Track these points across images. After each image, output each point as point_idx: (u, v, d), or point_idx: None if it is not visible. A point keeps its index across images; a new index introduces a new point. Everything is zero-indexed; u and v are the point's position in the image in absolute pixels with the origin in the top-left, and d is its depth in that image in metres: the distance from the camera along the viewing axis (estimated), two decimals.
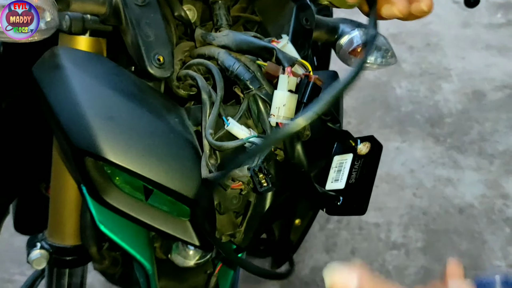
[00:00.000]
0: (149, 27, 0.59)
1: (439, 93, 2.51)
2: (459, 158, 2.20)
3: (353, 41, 0.73)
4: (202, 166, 0.56)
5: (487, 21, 2.92)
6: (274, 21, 0.70)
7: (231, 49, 0.61)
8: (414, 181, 2.11)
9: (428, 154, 2.22)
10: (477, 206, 2.01)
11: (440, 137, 2.29)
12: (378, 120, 2.40)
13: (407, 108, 2.45)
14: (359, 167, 0.63)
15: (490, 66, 2.62)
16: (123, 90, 0.58)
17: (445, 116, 2.39)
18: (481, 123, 2.34)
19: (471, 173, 2.13)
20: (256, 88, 0.58)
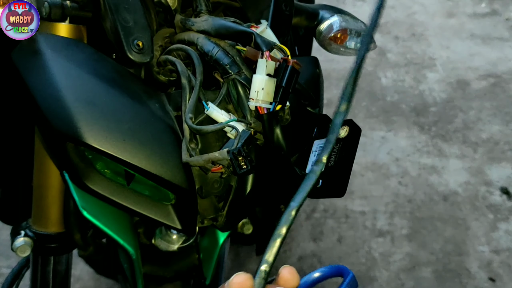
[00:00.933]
0: (128, 12, 0.59)
1: (424, 82, 2.53)
2: (443, 146, 2.22)
3: (333, 26, 0.74)
4: (183, 150, 0.57)
5: (471, 10, 2.94)
6: (254, 7, 0.70)
7: (210, 34, 0.62)
8: (399, 169, 2.13)
9: (413, 142, 2.25)
10: (461, 193, 2.04)
11: (425, 125, 2.32)
12: (364, 110, 2.42)
13: (392, 97, 2.47)
14: (338, 150, 0.64)
15: (474, 55, 2.65)
16: (103, 76, 0.58)
17: (430, 105, 2.41)
18: (465, 112, 2.37)
19: (455, 161, 2.16)
20: (235, 73, 0.58)
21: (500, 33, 2.77)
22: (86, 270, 1.65)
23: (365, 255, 1.84)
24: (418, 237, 1.90)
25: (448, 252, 1.84)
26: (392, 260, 1.82)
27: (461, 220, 1.95)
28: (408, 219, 1.96)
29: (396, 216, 1.97)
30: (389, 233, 1.91)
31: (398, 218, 1.97)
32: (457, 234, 1.91)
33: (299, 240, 1.90)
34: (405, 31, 2.85)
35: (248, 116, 0.58)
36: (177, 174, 0.56)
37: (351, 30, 0.74)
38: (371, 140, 2.26)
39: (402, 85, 2.53)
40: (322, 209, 1.99)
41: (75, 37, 0.68)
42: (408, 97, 2.46)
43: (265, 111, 0.56)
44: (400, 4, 2.99)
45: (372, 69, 2.61)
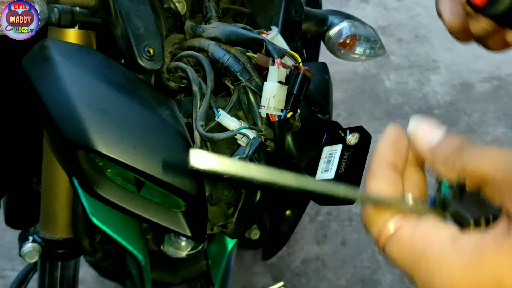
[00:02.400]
0: (139, 19, 0.59)
1: (428, 85, 2.52)
2: None
3: (342, 32, 0.74)
4: None
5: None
6: (263, 13, 0.70)
7: (221, 41, 0.61)
8: None
9: None
10: None
11: None
12: (367, 113, 2.41)
13: (396, 100, 2.46)
14: (348, 157, 0.64)
15: (477, 57, 2.64)
16: (113, 82, 0.58)
17: (433, 108, 2.41)
18: (469, 115, 2.37)
19: None
20: (246, 80, 0.58)
21: None
22: (90, 273, 1.65)
23: (369, 258, 1.84)
24: None
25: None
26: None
27: None
28: None
29: None
30: None
31: None
32: None
33: (303, 243, 1.89)
34: (409, 33, 2.84)
35: (259, 123, 0.58)
36: (188, 182, 0.56)
37: (360, 36, 0.74)
38: (375, 143, 2.24)
39: (405, 88, 2.52)
40: (326, 212, 1.99)
41: (84, 43, 0.68)
42: (411, 99, 2.46)
43: (276, 119, 0.56)
44: (403, 6, 2.98)
45: (375, 71, 2.61)
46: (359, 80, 2.55)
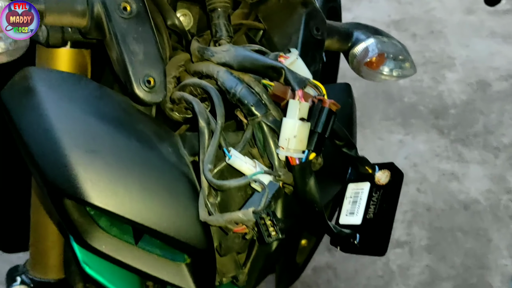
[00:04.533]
0: (137, 43, 0.50)
1: (443, 83, 2.43)
2: (463, 151, 2.13)
3: (368, 50, 0.65)
4: (200, 205, 0.49)
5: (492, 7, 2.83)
6: (281, 30, 0.62)
7: (232, 67, 0.53)
8: (417, 175, 2.04)
9: (432, 147, 2.15)
10: (483, 202, 1.94)
11: (444, 129, 2.22)
12: (381, 112, 2.32)
13: (410, 99, 2.37)
14: (377, 199, 0.55)
15: (494, 54, 2.54)
16: (107, 117, 0.50)
17: (449, 107, 2.31)
18: (486, 115, 2.27)
19: (476, 167, 2.06)
20: (262, 114, 0.50)
21: None
22: None
23: (382, 267, 1.76)
24: (437, 249, 1.82)
25: (469, 265, 1.76)
26: (411, 273, 1.74)
27: (482, 231, 1.86)
28: (427, 229, 1.87)
29: (415, 226, 1.89)
30: (407, 244, 1.83)
31: (417, 227, 1.88)
32: (478, 246, 1.82)
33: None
34: (423, 28, 2.74)
35: (276, 165, 0.50)
36: (193, 234, 0.49)
37: (388, 54, 0.65)
38: (389, 144, 2.17)
39: (420, 86, 2.42)
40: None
41: (77, 62, 0.60)
42: (426, 98, 2.36)
43: (297, 162, 0.48)
44: (418, 0, 2.87)
45: None
46: None
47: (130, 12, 0.50)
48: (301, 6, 0.60)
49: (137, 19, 0.50)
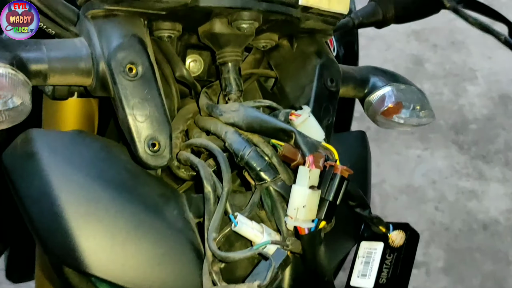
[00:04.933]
0: (143, 106, 0.49)
1: (464, 96, 2.37)
2: (484, 168, 2.08)
3: (385, 98, 0.63)
4: (204, 274, 0.47)
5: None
6: (293, 80, 0.60)
7: (241, 127, 0.51)
8: (436, 193, 2.01)
9: (451, 163, 2.11)
10: (503, 222, 1.90)
11: (464, 145, 2.17)
12: None
13: None
14: (391, 263, 0.53)
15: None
16: (111, 179, 0.49)
17: (469, 122, 2.26)
18: (508, 131, 2.21)
19: (496, 185, 2.02)
20: (271, 179, 0.48)
21: None
22: None
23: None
24: (455, 271, 1.78)
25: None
26: None
27: (502, 253, 1.82)
28: (445, 249, 1.84)
29: (432, 246, 1.85)
30: (424, 265, 1.79)
31: (434, 248, 1.85)
32: (497, 268, 1.78)
33: None
34: (444, 38, 2.68)
35: (284, 232, 0.48)
36: None
37: (406, 103, 0.63)
38: (406, 159, 2.13)
39: (440, 99, 2.38)
40: None
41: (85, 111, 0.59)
42: (446, 112, 2.31)
43: (306, 231, 0.46)
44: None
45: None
46: None
47: (136, 74, 0.48)
48: (315, 56, 0.58)
49: (143, 81, 0.48)
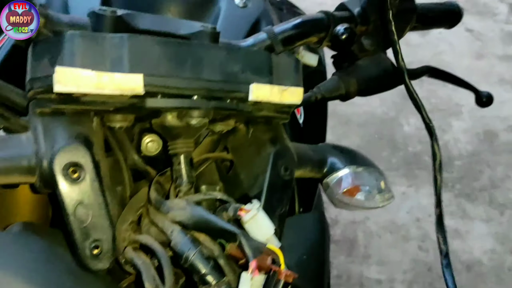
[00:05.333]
0: (86, 210, 0.49)
1: (449, 131, 2.39)
2: (468, 207, 2.09)
3: (342, 181, 0.63)
4: None
5: (501, 52, 2.80)
6: (248, 168, 0.60)
7: (187, 226, 0.52)
8: (419, 232, 2.01)
9: None
10: (486, 263, 1.90)
11: (449, 182, 2.18)
12: (384, 161, 2.29)
13: (415, 148, 2.34)
14: None
15: (503, 103, 2.50)
16: (52, 283, 0.49)
17: (454, 158, 2.28)
18: (492, 168, 2.23)
19: (480, 224, 2.02)
20: (215, 284, 0.48)
21: None
22: None
23: None
24: None
25: None
26: None
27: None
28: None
29: (415, 286, 1.85)
30: None
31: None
32: None
33: None
34: None
35: None
36: None
37: (363, 185, 0.63)
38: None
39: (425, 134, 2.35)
40: (335, 275, 1.87)
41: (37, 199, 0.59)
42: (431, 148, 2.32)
43: None
44: (427, 43, 2.85)
45: (394, 114, 2.49)
46: (376, 123, 2.43)
47: (79, 177, 0.48)
48: (269, 144, 0.59)
49: (86, 184, 0.48)
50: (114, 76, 0.44)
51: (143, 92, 0.46)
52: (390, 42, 0.70)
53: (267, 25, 0.82)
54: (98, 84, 0.44)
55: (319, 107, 0.95)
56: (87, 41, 0.44)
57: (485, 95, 0.85)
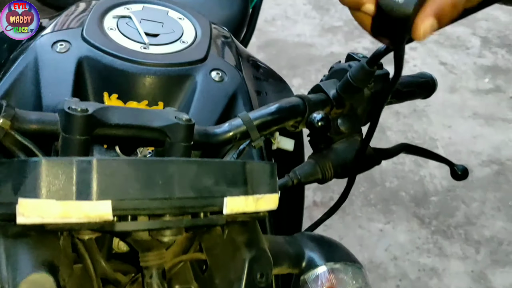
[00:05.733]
0: None
1: (425, 167, 2.42)
2: (444, 244, 2.10)
3: (319, 279, 0.62)
4: None
5: (475, 86, 2.85)
6: (223, 271, 0.58)
7: None
8: (397, 270, 2.01)
9: (413, 238, 2.13)
10: None
11: (426, 218, 2.20)
12: (362, 196, 2.30)
13: (392, 183, 2.35)
14: None
15: (477, 137, 2.54)
16: None
17: (430, 194, 2.30)
18: (468, 204, 2.25)
19: (456, 262, 2.03)
20: None
21: (503, 113, 2.66)
22: None
23: None
24: None
25: None
26: None
27: None
28: None
29: None
30: None
31: None
32: None
33: None
34: (407, 105, 2.75)
35: None
36: None
37: (341, 283, 0.62)
38: (369, 233, 2.14)
39: (402, 169, 2.41)
40: None
41: None
42: (408, 183, 2.35)
43: None
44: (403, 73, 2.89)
45: None
46: None
47: None
48: (245, 248, 0.57)
49: None
50: (81, 204, 0.43)
51: (111, 218, 0.44)
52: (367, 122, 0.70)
53: (243, 100, 0.81)
54: (64, 214, 0.42)
55: (296, 192, 0.94)
56: (52, 169, 0.43)
57: (461, 169, 0.85)
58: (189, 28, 0.87)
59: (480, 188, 2.30)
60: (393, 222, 2.19)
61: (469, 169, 1.66)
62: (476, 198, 2.26)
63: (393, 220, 2.19)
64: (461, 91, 2.80)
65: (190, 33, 0.85)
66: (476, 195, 2.27)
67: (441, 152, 2.48)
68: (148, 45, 0.79)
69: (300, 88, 2.85)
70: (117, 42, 0.78)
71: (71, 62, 0.74)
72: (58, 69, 0.73)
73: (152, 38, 0.81)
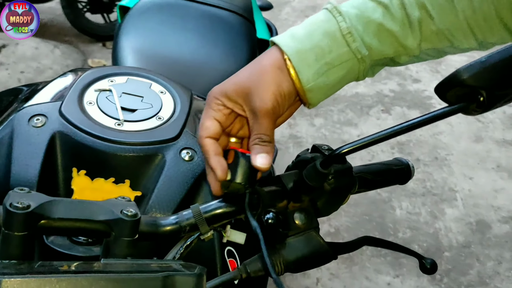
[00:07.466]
0: None
1: (441, 219, 2.35)
2: None
3: None
4: None
5: (501, 136, 2.77)
6: None
7: None
8: None
9: None
10: None
11: (437, 274, 2.13)
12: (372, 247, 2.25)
13: (404, 234, 2.30)
14: None
15: (498, 191, 2.46)
16: None
17: (444, 249, 2.23)
18: (482, 262, 2.17)
19: None
20: None
21: None
22: None
23: None
24: None
25: None
26: None
27: None
28: None
29: None
30: None
31: None
32: None
33: None
34: (428, 153, 2.69)
35: None
36: None
37: None
38: (376, 286, 2.10)
39: (417, 220, 2.36)
40: None
41: None
42: (421, 235, 2.29)
43: None
44: None
45: (386, 195, 2.46)
46: (367, 204, 2.41)
47: None
48: None
49: None
50: None
51: None
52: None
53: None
54: None
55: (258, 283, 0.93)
56: None
57: (429, 262, 0.83)
58: (169, 102, 0.88)
59: (498, 246, 2.22)
60: (402, 276, 2.13)
61: (487, 225, 1.61)
62: (492, 257, 2.18)
63: (403, 274, 2.14)
64: (485, 141, 2.73)
65: (169, 109, 0.87)
66: (492, 253, 2.20)
67: (459, 205, 2.42)
68: (122, 121, 0.81)
69: (321, 128, 2.84)
70: (93, 117, 0.81)
71: (44, 137, 0.77)
72: (31, 144, 0.76)
73: (128, 114, 0.83)
